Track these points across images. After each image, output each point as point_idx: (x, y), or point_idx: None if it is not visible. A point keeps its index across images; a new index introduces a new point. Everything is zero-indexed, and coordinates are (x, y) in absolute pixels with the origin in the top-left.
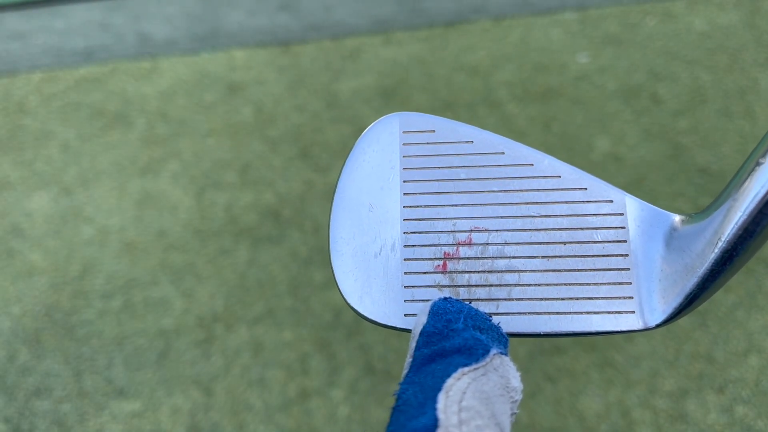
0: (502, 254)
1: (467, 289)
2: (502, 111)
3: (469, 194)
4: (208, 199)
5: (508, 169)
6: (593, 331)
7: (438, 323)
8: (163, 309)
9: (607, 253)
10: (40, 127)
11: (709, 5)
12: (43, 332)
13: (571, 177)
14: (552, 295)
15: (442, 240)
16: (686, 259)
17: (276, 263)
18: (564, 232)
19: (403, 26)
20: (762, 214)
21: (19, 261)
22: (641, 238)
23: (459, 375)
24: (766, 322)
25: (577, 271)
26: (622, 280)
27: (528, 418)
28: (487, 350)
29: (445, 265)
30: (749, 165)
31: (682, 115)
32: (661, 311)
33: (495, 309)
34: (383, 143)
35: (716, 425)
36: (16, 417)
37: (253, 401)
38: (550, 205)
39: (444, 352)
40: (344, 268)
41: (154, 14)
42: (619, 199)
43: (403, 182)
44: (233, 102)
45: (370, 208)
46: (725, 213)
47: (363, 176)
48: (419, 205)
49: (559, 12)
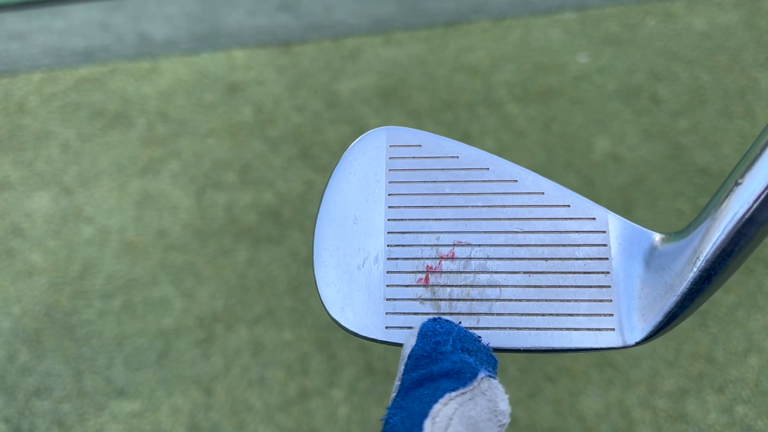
0: (485, 269)
1: (448, 303)
2: (502, 111)
3: (453, 209)
4: (208, 199)
5: (492, 185)
6: (573, 347)
7: (427, 346)
8: (163, 309)
9: (588, 270)
10: (40, 127)
11: (709, 5)
12: (43, 332)
13: (555, 194)
14: (533, 310)
15: (425, 253)
16: (666, 277)
17: (276, 263)
18: (546, 248)
19: (403, 26)
20: (740, 234)
21: (19, 261)
22: (622, 255)
23: (446, 400)
24: (766, 322)
25: (559, 288)
26: (603, 297)
27: (528, 418)
28: (475, 373)
29: (428, 279)
30: (728, 185)
31: (682, 115)
32: (640, 329)
33: (476, 323)
34: (369, 156)
35: (716, 425)
36: (16, 417)
37: (253, 401)
38: (533, 221)
39: (432, 375)
40: (327, 279)
41: (154, 14)
42: (601, 217)
43: (388, 195)
44: (233, 102)
45: (354, 220)
46: (704, 232)
47: (349, 188)
48: (404, 218)
49: (559, 12)
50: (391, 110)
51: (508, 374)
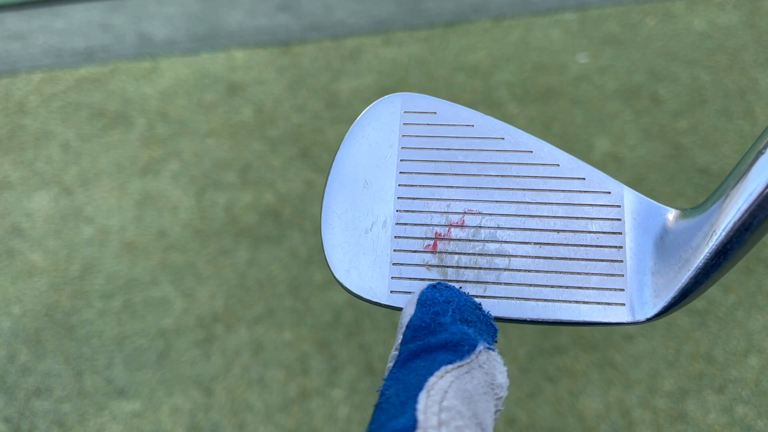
0: (494, 238)
1: (455, 270)
2: (502, 111)
3: (466, 177)
4: (208, 199)
5: (506, 155)
6: (581, 320)
7: (425, 316)
8: (163, 309)
9: (600, 244)
10: (41, 127)
11: (709, 5)
12: (44, 332)
13: (570, 166)
14: (542, 282)
15: (435, 220)
16: (681, 253)
17: (276, 263)
18: (558, 220)
19: (403, 26)
20: (761, 208)
21: (20, 261)
22: (637, 231)
23: (442, 373)
24: (766, 322)
25: (569, 260)
26: (614, 272)
27: (528, 418)
28: (473, 346)
29: (436, 245)
30: (749, 157)
31: (682, 115)
32: (652, 305)
33: (482, 292)
34: (383, 121)
35: (716, 425)
36: (16, 417)
37: (253, 401)
38: (546, 192)
39: (429, 347)
40: (334, 242)
41: (154, 14)
42: (616, 191)
43: (400, 161)
44: (233, 102)
45: (365, 184)
46: (721, 206)
47: (361, 152)
48: (414, 184)
49: (559, 12)
50: None
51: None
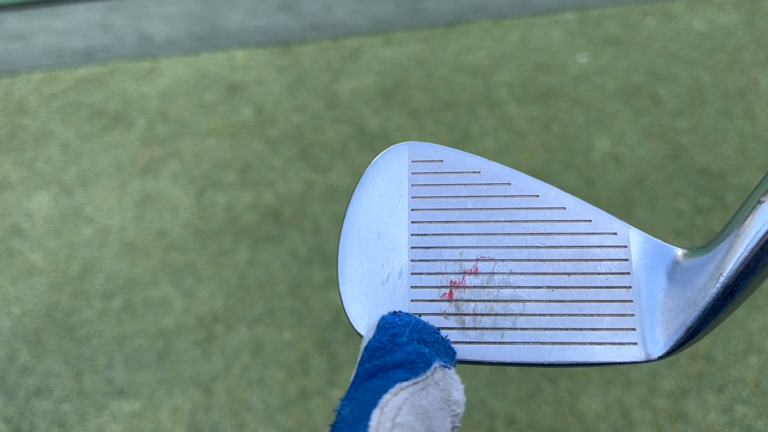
0: (508, 284)
1: (473, 318)
2: (502, 111)
3: (476, 224)
4: (208, 199)
5: (514, 200)
6: (596, 361)
7: (383, 337)
8: (163, 309)
9: (610, 285)
10: (41, 127)
11: (709, 5)
12: (44, 332)
13: (576, 209)
14: (556, 325)
15: (449, 268)
16: (688, 292)
17: (276, 263)
18: (568, 263)
19: (403, 26)
20: (763, 251)
21: (20, 261)
22: (644, 270)
23: (397, 390)
24: (766, 322)
25: (581, 302)
26: (625, 312)
27: (528, 418)
28: (429, 363)
29: (452, 293)
30: (751, 202)
31: (681, 116)
32: (663, 343)
33: (500, 338)
34: (392, 172)
35: (716, 425)
36: (16, 417)
37: (253, 401)
38: (555, 236)
39: (386, 366)
40: (352, 295)
41: (154, 14)
42: (622, 232)
43: (411, 210)
44: (233, 102)
45: (378, 235)
46: (727, 248)
47: (372, 204)
48: (427, 233)
49: (559, 12)
50: (391, 110)
51: (508, 374)
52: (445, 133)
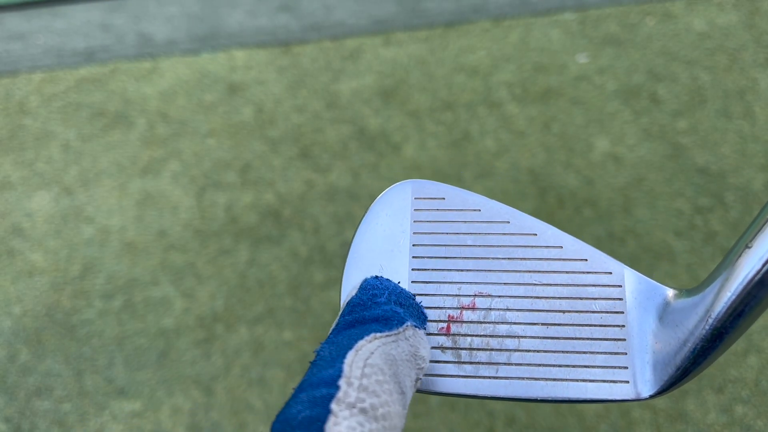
0: (504, 320)
1: (469, 352)
2: (501, 111)
3: (475, 260)
4: (209, 199)
5: (512, 238)
6: (588, 398)
7: (364, 296)
8: (164, 309)
9: (604, 323)
10: (41, 128)
11: (708, 5)
12: (44, 332)
13: (573, 248)
14: (550, 361)
15: (447, 303)
16: (679, 333)
17: (276, 263)
18: (564, 301)
19: (403, 26)
20: (750, 296)
21: (20, 261)
22: (637, 310)
23: (371, 338)
24: (765, 322)
25: (575, 340)
26: (618, 350)
27: (528, 418)
28: (402, 322)
29: (449, 328)
30: (739, 247)
31: (681, 116)
32: (653, 383)
33: (494, 373)
34: (396, 208)
35: (716, 425)
36: (16, 417)
37: (253, 401)
38: (551, 274)
39: (364, 319)
40: None
41: (155, 14)
42: (617, 271)
43: (412, 246)
44: (233, 102)
45: (380, 269)
46: (716, 292)
47: (375, 239)
48: (427, 268)
49: (559, 12)
50: (391, 110)
51: None
52: (445, 133)
